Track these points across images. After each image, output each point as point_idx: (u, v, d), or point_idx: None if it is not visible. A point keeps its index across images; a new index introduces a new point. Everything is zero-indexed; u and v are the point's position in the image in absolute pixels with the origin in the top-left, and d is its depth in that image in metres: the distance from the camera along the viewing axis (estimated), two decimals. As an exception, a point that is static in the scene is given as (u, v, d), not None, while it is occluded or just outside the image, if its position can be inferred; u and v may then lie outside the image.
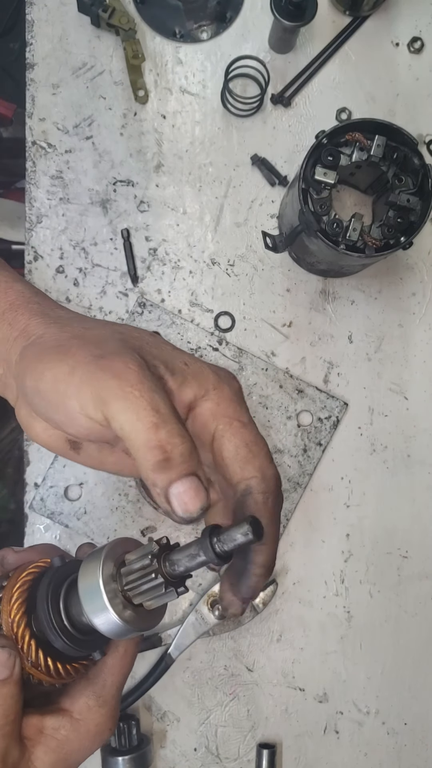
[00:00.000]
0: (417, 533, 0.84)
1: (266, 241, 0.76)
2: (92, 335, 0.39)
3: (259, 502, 0.38)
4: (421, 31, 0.85)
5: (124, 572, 0.36)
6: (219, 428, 0.40)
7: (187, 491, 0.34)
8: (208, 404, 0.40)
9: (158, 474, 0.34)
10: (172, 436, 0.34)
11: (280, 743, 0.82)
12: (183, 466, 0.34)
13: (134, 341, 0.39)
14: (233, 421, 0.40)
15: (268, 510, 0.39)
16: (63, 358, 0.37)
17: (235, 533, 0.34)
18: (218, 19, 0.83)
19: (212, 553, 0.34)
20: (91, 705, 0.40)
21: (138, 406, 0.34)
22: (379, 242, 0.70)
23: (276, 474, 0.40)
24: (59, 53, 0.82)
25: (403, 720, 0.83)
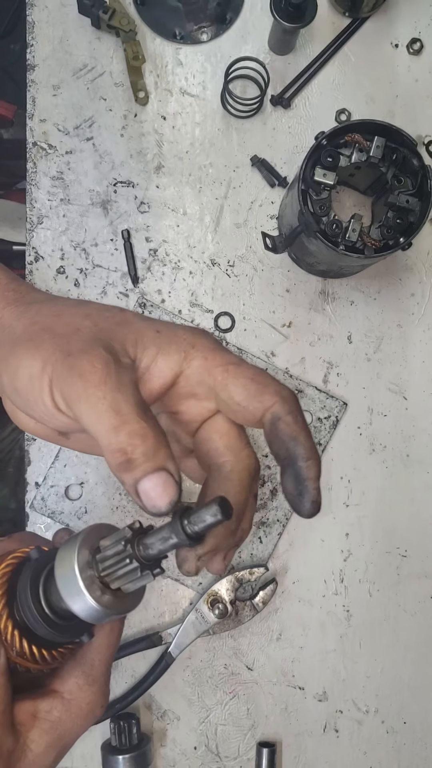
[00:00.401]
0: (416, 532, 0.84)
1: (266, 241, 0.76)
2: (63, 325, 0.39)
3: (290, 423, 0.39)
4: (420, 33, 0.85)
5: (100, 558, 0.37)
6: (218, 379, 0.40)
7: (154, 487, 0.35)
8: (196, 362, 0.40)
9: (123, 474, 0.35)
10: (132, 437, 0.35)
11: (280, 742, 0.82)
12: (147, 464, 0.35)
13: (103, 325, 0.39)
14: (227, 366, 0.40)
15: (300, 427, 0.39)
16: (34, 354, 0.38)
17: (204, 514, 0.35)
18: (218, 21, 0.84)
19: (183, 535, 0.35)
20: (81, 684, 0.40)
21: (99, 409, 0.35)
22: (379, 243, 0.71)
23: (292, 392, 0.41)
24: (60, 55, 0.83)
25: (402, 719, 0.83)
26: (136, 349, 0.39)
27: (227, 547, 0.41)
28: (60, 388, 0.36)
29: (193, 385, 0.41)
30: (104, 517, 0.81)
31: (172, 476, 0.35)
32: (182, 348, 0.40)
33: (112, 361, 0.36)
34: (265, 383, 0.40)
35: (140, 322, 0.41)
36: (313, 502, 0.39)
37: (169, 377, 0.40)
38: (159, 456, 0.35)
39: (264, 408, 0.39)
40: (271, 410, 0.39)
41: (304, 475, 0.39)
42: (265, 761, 0.80)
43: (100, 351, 0.36)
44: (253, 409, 0.40)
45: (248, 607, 0.81)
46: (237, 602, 0.80)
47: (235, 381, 0.40)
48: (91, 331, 0.39)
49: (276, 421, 0.39)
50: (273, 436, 0.39)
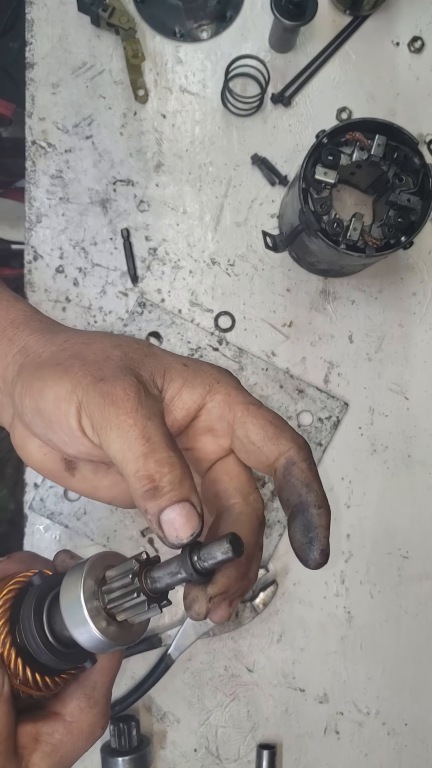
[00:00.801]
0: (417, 533, 0.84)
1: (266, 240, 0.75)
2: (92, 353, 0.40)
3: (305, 470, 0.40)
4: (421, 31, 0.85)
5: (106, 590, 0.37)
6: (238, 416, 0.41)
7: (178, 518, 0.35)
8: (219, 396, 0.41)
9: (148, 501, 0.35)
10: (161, 465, 0.35)
11: (281, 744, 0.82)
12: (172, 493, 0.35)
13: (133, 356, 0.40)
14: (248, 406, 0.41)
15: (313, 474, 0.40)
16: (62, 376, 0.38)
17: (215, 551, 0.34)
18: (218, 19, 0.83)
19: (192, 570, 0.35)
20: (83, 707, 0.40)
21: (130, 436, 0.36)
22: (380, 242, 0.70)
23: (307, 442, 0.41)
24: (59, 53, 0.82)
25: (403, 720, 0.83)
26: (163, 380, 0.40)
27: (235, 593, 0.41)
28: (90, 412, 0.37)
29: (213, 419, 0.41)
30: (103, 518, 0.80)
31: (195, 508, 0.36)
32: (207, 382, 0.41)
33: (142, 390, 0.37)
34: (283, 428, 0.41)
35: (168, 356, 0.42)
36: (322, 551, 0.38)
37: (193, 409, 0.41)
38: (184, 486, 0.36)
39: (279, 452, 0.40)
40: (285, 455, 0.40)
41: (315, 522, 0.39)
42: (266, 763, 0.80)
43: (132, 379, 0.37)
44: (268, 451, 0.40)
45: (248, 608, 0.80)
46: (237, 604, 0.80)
47: (254, 420, 0.41)
48: (122, 360, 0.39)
49: (290, 465, 0.40)
50: (285, 482, 0.40)
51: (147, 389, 0.38)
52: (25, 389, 0.40)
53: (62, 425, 0.38)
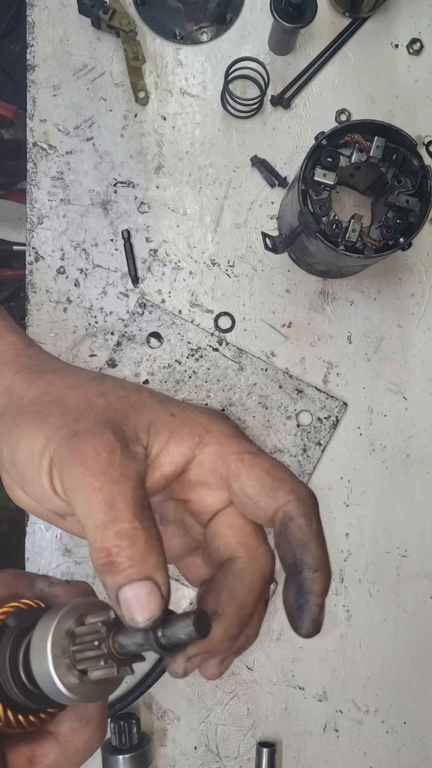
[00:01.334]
0: (416, 532, 0.84)
1: (266, 242, 0.76)
2: (75, 399, 0.37)
3: (303, 526, 0.36)
4: (420, 33, 0.86)
5: (78, 632, 0.34)
6: (231, 468, 0.37)
7: (135, 598, 0.31)
8: (210, 448, 0.37)
9: (105, 576, 0.32)
10: (120, 538, 0.32)
11: (280, 742, 0.82)
12: (131, 570, 0.32)
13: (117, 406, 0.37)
14: (243, 456, 0.37)
15: (313, 533, 0.36)
16: (38, 427, 0.35)
17: (178, 630, 0.32)
18: (218, 21, 0.84)
19: (156, 645, 0.32)
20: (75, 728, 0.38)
21: (93, 501, 0.32)
22: (379, 243, 0.71)
23: (311, 492, 0.37)
24: (60, 55, 0.83)
25: (402, 719, 0.83)
26: (148, 434, 0.37)
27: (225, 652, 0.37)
28: (59, 470, 0.34)
29: (205, 472, 0.38)
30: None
31: (159, 589, 0.32)
32: (196, 432, 0.37)
33: (119, 449, 0.34)
34: (282, 478, 0.37)
35: (156, 404, 0.38)
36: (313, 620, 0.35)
37: (180, 463, 0.37)
38: (147, 563, 0.32)
39: (276, 506, 0.36)
40: (283, 509, 0.36)
41: (307, 587, 0.35)
42: (265, 761, 0.80)
43: (108, 436, 0.34)
44: (265, 505, 0.37)
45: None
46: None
47: (249, 472, 0.37)
48: (104, 411, 0.36)
49: (287, 521, 0.36)
50: (281, 539, 0.36)
51: (127, 446, 0.35)
52: (3, 436, 0.37)
53: (35, 481, 0.35)
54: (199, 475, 0.38)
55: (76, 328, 0.82)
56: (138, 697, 0.79)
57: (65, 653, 0.34)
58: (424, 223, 0.70)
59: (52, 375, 0.40)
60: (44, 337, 0.82)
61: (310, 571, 0.35)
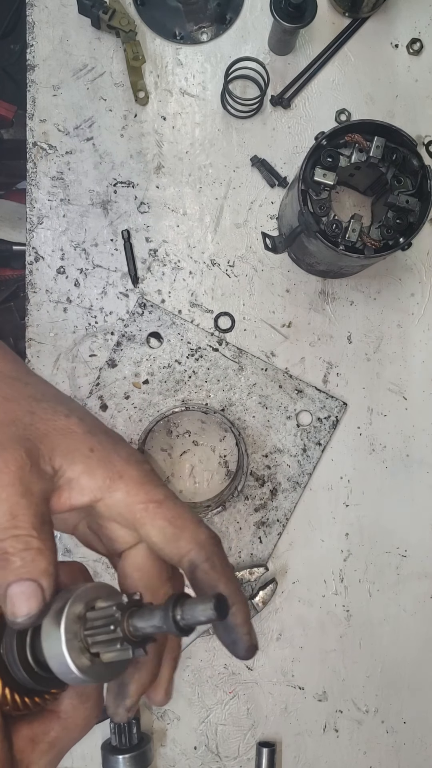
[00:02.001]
0: (416, 532, 0.84)
1: (266, 242, 0.76)
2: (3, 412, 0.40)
3: (208, 571, 0.39)
4: (420, 33, 0.86)
5: (90, 617, 0.36)
6: (137, 517, 0.40)
7: (19, 595, 0.35)
8: (118, 494, 0.40)
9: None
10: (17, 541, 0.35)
11: (280, 742, 0.82)
12: (21, 570, 0.35)
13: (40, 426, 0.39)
14: (148, 505, 0.40)
15: (218, 572, 0.39)
16: None
17: (198, 612, 0.34)
18: (218, 21, 0.84)
19: (174, 627, 0.34)
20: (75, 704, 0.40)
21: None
22: (378, 243, 0.71)
23: (210, 533, 0.40)
24: (60, 55, 0.83)
25: (402, 718, 0.83)
26: (63, 460, 0.39)
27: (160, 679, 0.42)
28: None
29: (113, 515, 0.40)
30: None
31: (42, 591, 0.35)
32: (108, 475, 0.40)
33: (28, 466, 0.37)
34: (183, 527, 0.39)
35: (81, 434, 0.40)
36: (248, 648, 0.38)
37: (87, 500, 0.40)
38: (36, 567, 0.35)
39: (180, 554, 0.39)
40: (187, 558, 0.39)
41: (231, 623, 0.38)
42: (265, 761, 0.80)
43: (19, 453, 0.37)
44: (170, 552, 0.40)
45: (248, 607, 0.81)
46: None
47: (153, 522, 0.39)
48: (26, 429, 0.39)
49: (194, 569, 0.39)
50: (193, 584, 0.39)
51: (37, 465, 0.38)
52: None
53: None
54: (107, 514, 0.40)
55: (76, 328, 0.82)
56: (138, 697, 0.79)
57: (77, 637, 0.35)
58: (424, 223, 0.70)
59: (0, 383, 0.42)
60: (44, 337, 0.82)
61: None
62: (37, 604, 0.35)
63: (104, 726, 0.79)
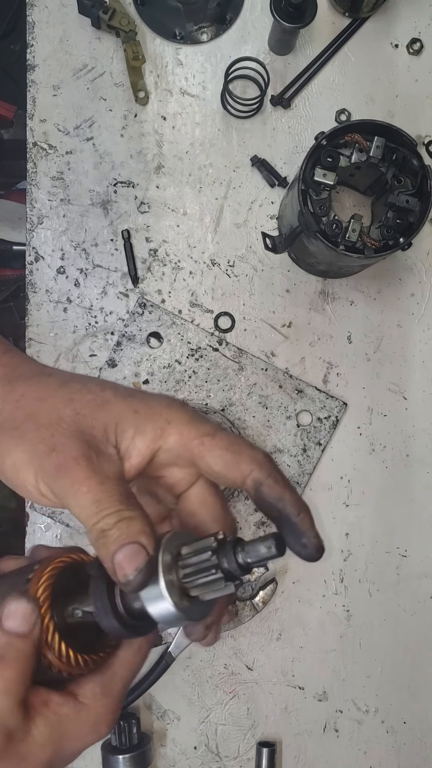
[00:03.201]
0: (416, 532, 0.84)
1: (266, 242, 0.76)
2: (46, 413, 0.42)
3: (272, 485, 0.41)
4: (420, 33, 0.86)
5: (182, 565, 0.39)
6: (195, 452, 0.43)
7: (124, 559, 0.37)
8: (172, 438, 0.43)
9: (100, 550, 0.38)
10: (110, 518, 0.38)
11: (280, 742, 0.82)
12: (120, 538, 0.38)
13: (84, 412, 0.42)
14: (203, 439, 0.43)
15: (282, 485, 0.42)
16: (18, 444, 0.41)
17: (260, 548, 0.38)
18: (218, 21, 0.84)
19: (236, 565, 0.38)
20: (96, 692, 0.41)
21: (84, 501, 0.39)
22: (378, 243, 0.71)
23: (266, 453, 0.43)
24: (60, 55, 0.83)
25: (402, 718, 0.83)
26: (116, 433, 0.42)
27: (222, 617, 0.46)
28: (47, 482, 0.40)
29: (172, 457, 0.43)
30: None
31: (144, 548, 0.38)
32: (158, 425, 0.43)
33: (94, 455, 0.40)
34: (240, 451, 0.42)
35: (120, 402, 0.43)
36: (318, 548, 0.41)
37: (147, 455, 0.43)
38: (133, 530, 0.38)
39: (243, 476, 0.42)
40: (250, 477, 0.42)
41: (301, 529, 0.41)
42: (265, 761, 0.80)
43: (83, 448, 0.40)
44: (233, 477, 0.42)
45: (248, 606, 0.81)
46: (237, 602, 0.80)
47: (211, 452, 0.42)
48: (74, 422, 0.41)
49: (258, 486, 0.42)
50: (260, 501, 0.42)
51: (100, 450, 0.41)
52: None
53: (23, 490, 0.41)
54: (166, 459, 0.43)
55: (76, 328, 0.82)
56: (138, 697, 0.79)
57: (174, 584, 0.38)
58: (424, 223, 0.70)
59: (24, 385, 0.44)
60: (44, 337, 0.82)
61: (295, 516, 0.41)
62: (142, 559, 0.37)
63: (104, 726, 0.79)
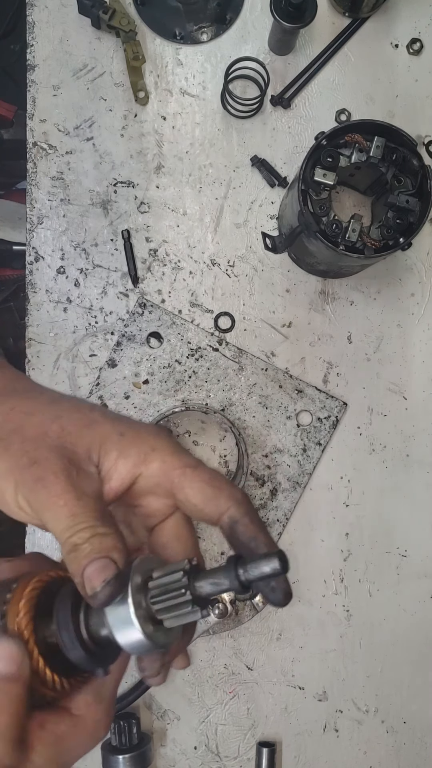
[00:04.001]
0: (416, 532, 0.84)
1: (266, 242, 0.76)
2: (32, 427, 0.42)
3: (248, 524, 0.42)
4: (420, 33, 0.86)
5: (152, 586, 0.38)
6: (175, 482, 0.43)
7: (93, 572, 0.37)
8: (154, 465, 0.43)
9: (72, 564, 0.38)
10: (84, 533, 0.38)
11: (280, 742, 0.82)
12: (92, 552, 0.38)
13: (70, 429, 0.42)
14: (185, 470, 0.43)
15: (257, 526, 0.42)
16: (2, 455, 0.41)
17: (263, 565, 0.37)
18: (218, 21, 0.84)
19: (237, 582, 0.37)
20: (90, 701, 0.41)
21: (60, 515, 0.39)
22: (378, 243, 0.71)
23: (244, 494, 0.43)
24: (60, 55, 0.83)
25: (402, 718, 0.83)
26: (99, 453, 0.42)
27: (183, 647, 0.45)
28: (25, 494, 0.40)
29: (151, 486, 0.43)
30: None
31: (114, 563, 0.38)
32: (143, 451, 0.43)
33: (74, 471, 0.40)
34: (220, 487, 0.42)
35: (107, 423, 0.43)
36: (286, 594, 0.41)
37: (128, 479, 0.43)
38: (105, 545, 0.38)
39: (219, 512, 0.42)
40: (227, 514, 0.42)
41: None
42: (265, 761, 0.80)
43: (64, 463, 0.40)
44: (209, 511, 0.42)
45: (248, 606, 0.81)
46: (237, 602, 0.80)
47: (191, 485, 0.42)
48: (59, 437, 0.42)
49: (234, 524, 0.42)
50: (233, 539, 0.42)
51: (81, 468, 0.41)
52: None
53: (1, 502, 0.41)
54: (146, 487, 0.43)
55: (76, 328, 0.82)
56: (138, 697, 0.79)
57: (141, 606, 0.37)
58: (424, 223, 0.70)
59: (15, 400, 0.45)
60: (44, 337, 0.82)
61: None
62: (111, 571, 0.37)
63: (104, 726, 0.79)
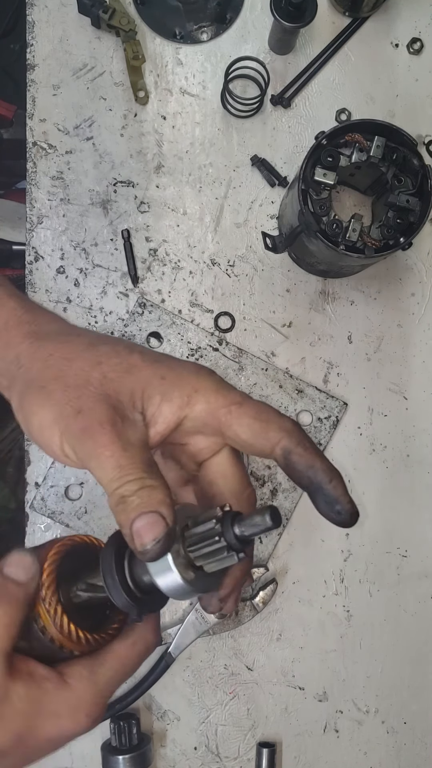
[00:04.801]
0: (416, 532, 0.84)
1: (266, 241, 0.76)
2: (73, 375, 0.41)
3: (302, 453, 0.41)
4: (420, 32, 0.85)
5: (188, 535, 0.39)
6: (222, 421, 0.42)
7: (143, 527, 0.37)
8: (199, 406, 0.42)
9: (120, 515, 0.38)
10: (131, 485, 0.38)
11: (280, 742, 0.82)
12: (140, 505, 0.38)
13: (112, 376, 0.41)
14: (230, 407, 0.42)
15: (312, 453, 0.41)
16: (44, 404, 0.41)
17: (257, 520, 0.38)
18: (218, 20, 0.84)
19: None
20: (83, 675, 0.40)
21: (106, 466, 0.38)
22: (379, 243, 0.71)
23: (295, 422, 0.43)
24: (60, 54, 0.83)
25: (402, 719, 0.83)
26: (142, 399, 0.42)
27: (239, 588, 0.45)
28: (71, 443, 0.40)
29: (198, 426, 0.43)
30: (104, 517, 0.81)
31: (163, 519, 0.37)
32: (185, 393, 0.42)
33: (119, 420, 0.40)
34: (268, 420, 0.42)
35: (147, 367, 0.43)
36: (352, 514, 0.41)
37: (173, 422, 0.42)
38: (153, 499, 0.38)
39: (271, 444, 0.41)
40: (279, 445, 0.41)
41: (334, 495, 0.41)
42: (265, 761, 0.80)
43: (108, 411, 0.40)
44: (261, 445, 0.42)
45: (248, 607, 0.81)
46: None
47: (239, 421, 0.42)
48: (101, 385, 0.41)
49: (288, 455, 0.41)
50: (290, 470, 0.41)
51: (125, 416, 0.40)
52: (17, 406, 0.43)
53: (47, 449, 0.41)
54: (192, 427, 0.43)
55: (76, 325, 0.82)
56: (138, 697, 0.79)
57: (179, 555, 0.39)
58: (425, 222, 0.70)
59: (53, 344, 0.44)
60: (44, 336, 0.82)
61: (328, 484, 0.41)
62: (161, 529, 0.37)
63: (104, 726, 0.79)
